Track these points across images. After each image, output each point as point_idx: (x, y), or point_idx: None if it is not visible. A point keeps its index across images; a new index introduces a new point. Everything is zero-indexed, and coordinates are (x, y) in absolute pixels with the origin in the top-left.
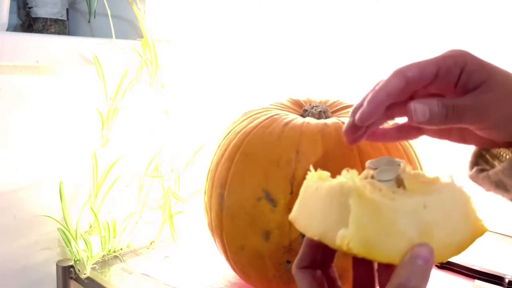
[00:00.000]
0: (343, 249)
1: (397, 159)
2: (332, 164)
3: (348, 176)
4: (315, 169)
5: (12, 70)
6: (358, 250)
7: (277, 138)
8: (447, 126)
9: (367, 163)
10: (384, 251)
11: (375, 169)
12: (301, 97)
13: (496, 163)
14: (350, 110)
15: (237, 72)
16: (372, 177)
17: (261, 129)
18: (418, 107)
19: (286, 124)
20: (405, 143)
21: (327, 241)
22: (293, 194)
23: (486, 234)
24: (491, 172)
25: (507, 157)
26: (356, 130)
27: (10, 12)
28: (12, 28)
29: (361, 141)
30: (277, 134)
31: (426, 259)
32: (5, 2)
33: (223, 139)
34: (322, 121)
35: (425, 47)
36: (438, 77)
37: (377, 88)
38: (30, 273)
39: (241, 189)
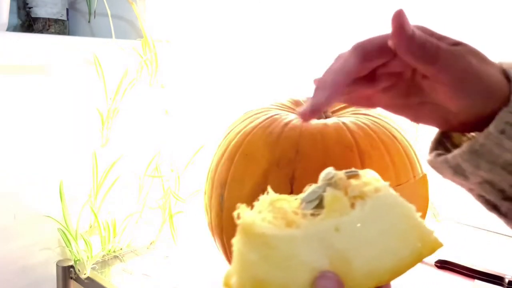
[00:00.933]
0: None
1: (334, 171)
2: (332, 164)
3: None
4: (315, 170)
5: (12, 70)
6: None
7: (277, 138)
8: (420, 55)
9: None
10: (284, 287)
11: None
12: (301, 97)
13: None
14: (349, 110)
15: (237, 72)
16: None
17: (261, 129)
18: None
19: (286, 124)
20: (406, 143)
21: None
22: (293, 194)
23: (486, 234)
24: (449, 155)
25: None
26: (317, 112)
27: (10, 12)
28: (12, 28)
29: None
30: (277, 134)
31: None
32: (5, 2)
33: (223, 139)
34: (322, 121)
35: None
36: None
37: (336, 66)
38: (30, 273)
39: (241, 189)
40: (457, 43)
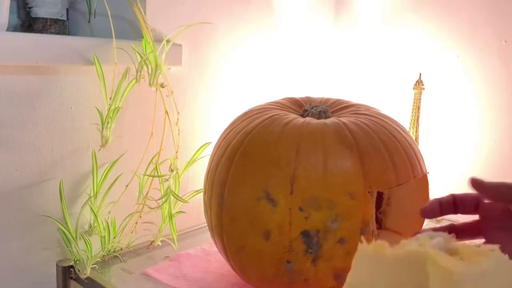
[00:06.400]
0: None
1: (437, 232)
2: (332, 164)
3: (419, 243)
4: (315, 170)
5: (12, 70)
6: None
7: (277, 138)
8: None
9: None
10: None
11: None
12: (301, 97)
13: None
14: (349, 110)
15: (237, 72)
16: None
17: (261, 129)
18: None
19: (286, 124)
20: (406, 143)
21: None
22: (293, 194)
23: None
24: None
25: None
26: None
27: (10, 12)
28: (12, 28)
29: None
30: (277, 134)
31: None
32: (5, 2)
33: (223, 139)
34: (322, 121)
35: (424, 47)
36: None
37: None
38: (30, 273)
39: (241, 189)
40: None
